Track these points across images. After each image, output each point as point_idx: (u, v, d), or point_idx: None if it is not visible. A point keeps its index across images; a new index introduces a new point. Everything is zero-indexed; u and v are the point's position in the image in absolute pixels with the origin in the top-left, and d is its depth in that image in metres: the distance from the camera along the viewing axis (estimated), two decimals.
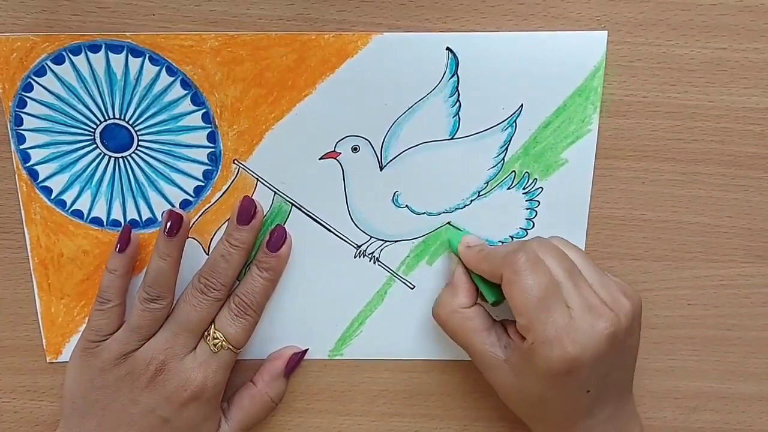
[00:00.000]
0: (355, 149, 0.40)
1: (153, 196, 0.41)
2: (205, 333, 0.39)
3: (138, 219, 0.41)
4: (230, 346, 0.39)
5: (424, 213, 0.41)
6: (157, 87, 0.39)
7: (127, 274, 0.40)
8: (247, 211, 0.39)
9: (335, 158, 0.40)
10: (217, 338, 0.39)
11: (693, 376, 0.44)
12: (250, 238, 0.40)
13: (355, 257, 0.42)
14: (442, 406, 0.44)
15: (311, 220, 0.41)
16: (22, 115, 0.39)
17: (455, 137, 0.40)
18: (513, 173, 0.41)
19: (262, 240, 0.40)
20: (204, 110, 0.39)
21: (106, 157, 0.40)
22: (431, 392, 0.44)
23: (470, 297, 0.39)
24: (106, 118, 0.39)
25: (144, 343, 0.39)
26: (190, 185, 0.40)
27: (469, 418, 0.45)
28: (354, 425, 0.45)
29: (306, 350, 0.43)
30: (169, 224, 0.39)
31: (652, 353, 0.44)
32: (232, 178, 0.40)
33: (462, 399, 0.44)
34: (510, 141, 0.40)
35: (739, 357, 0.44)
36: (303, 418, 0.44)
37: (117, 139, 0.40)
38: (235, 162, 0.40)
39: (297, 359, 0.42)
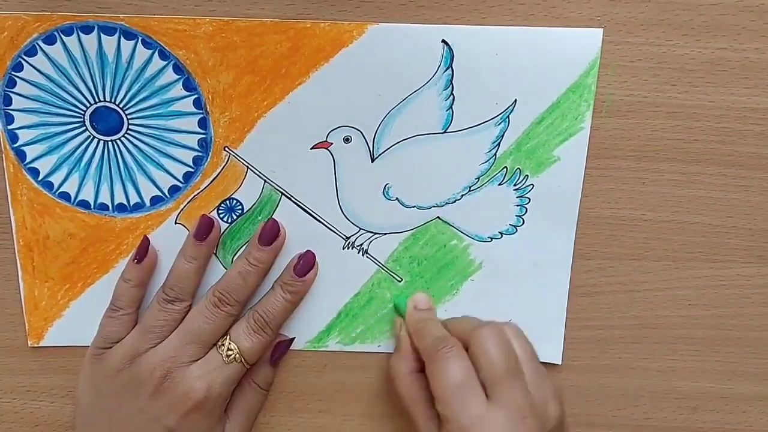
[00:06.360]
0: (347, 140, 0.39)
1: (142, 180, 0.40)
2: (219, 343, 0.39)
3: (126, 203, 0.40)
4: (243, 360, 0.39)
5: (414, 206, 0.41)
6: (149, 71, 0.38)
7: (142, 285, 0.40)
8: (270, 233, 0.40)
9: (327, 148, 0.40)
10: (231, 350, 0.39)
11: (693, 376, 0.44)
12: (269, 259, 0.40)
13: (343, 249, 0.41)
14: None
15: (300, 209, 0.41)
16: (11, 94, 0.39)
17: (448, 131, 0.39)
18: (504, 169, 0.40)
19: (289, 262, 0.41)
20: (196, 96, 0.39)
21: (95, 140, 0.40)
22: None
23: (418, 360, 0.39)
24: (97, 100, 0.39)
25: (153, 347, 0.39)
26: (179, 171, 0.40)
27: None
28: (354, 425, 0.44)
29: (292, 339, 0.42)
30: (199, 228, 0.39)
31: (652, 353, 0.43)
32: (222, 165, 0.40)
33: None
34: (502, 136, 0.40)
35: (739, 357, 0.44)
36: (303, 418, 0.44)
37: (107, 122, 0.39)
38: (226, 149, 0.40)
39: (283, 348, 0.42)
